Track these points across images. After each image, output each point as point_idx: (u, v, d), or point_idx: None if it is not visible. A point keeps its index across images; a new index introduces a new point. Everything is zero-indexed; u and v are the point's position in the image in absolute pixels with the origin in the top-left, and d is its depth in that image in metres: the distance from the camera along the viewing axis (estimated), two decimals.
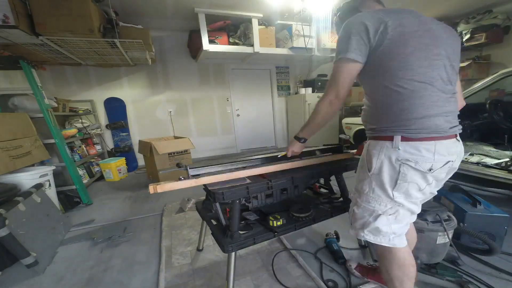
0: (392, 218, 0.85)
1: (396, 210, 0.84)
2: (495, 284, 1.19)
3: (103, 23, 2.54)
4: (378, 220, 0.86)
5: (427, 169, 0.78)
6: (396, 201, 0.83)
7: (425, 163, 0.77)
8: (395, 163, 0.79)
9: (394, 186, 0.81)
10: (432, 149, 0.77)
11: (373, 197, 0.86)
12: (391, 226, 0.85)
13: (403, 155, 0.78)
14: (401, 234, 0.88)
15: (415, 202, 0.85)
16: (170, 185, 1.00)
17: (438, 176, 0.81)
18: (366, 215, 0.89)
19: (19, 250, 1.41)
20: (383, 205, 0.85)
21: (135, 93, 4.00)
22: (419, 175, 0.79)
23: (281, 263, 1.45)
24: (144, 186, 3.10)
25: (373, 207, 0.87)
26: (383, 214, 0.85)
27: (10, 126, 1.94)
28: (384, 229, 0.85)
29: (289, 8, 3.22)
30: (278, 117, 5.23)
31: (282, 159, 1.28)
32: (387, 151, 0.81)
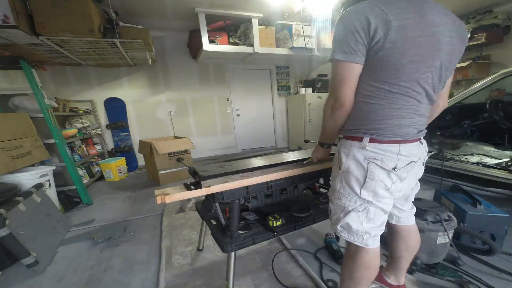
0: (363, 216, 0.87)
1: (365, 207, 0.86)
2: (495, 284, 1.19)
3: (103, 23, 2.54)
4: (348, 216, 0.88)
5: (391, 167, 0.81)
6: (364, 198, 0.84)
7: (390, 162, 0.81)
8: (363, 162, 0.82)
9: (362, 184, 0.84)
10: (396, 151, 0.81)
11: (344, 193, 0.88)
12: (362, 224, 0.87)
13: (370, 154, 0.82)
14: (376, 235, 0.90)
15: (384, 202, 0.86)
16: (180, 195, 0.98)
17: (401, 175, 0.84)
18: (338, 211, 0.92)
19: (19, 250, 1.41)
20: (353, 201, 0.87)
21: (135, 93, 4.01)
22: (385, 173, 0.82)
23: (281, 263, 1.45)
24: (144, 186, 3.10)
25: (343, 204, 0.89)
26: (352, 211, 0.87)
27: (10, 126, 1.94)
28: (355, 226, 0.87)
29: (289, 8, 3.22)
30: (278, 117, 5.23)
31: (308, 165, 1.24)
32: (356, 151, 0.84)
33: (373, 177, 0.82)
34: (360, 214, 0.87)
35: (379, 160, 0.81)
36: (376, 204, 0.85)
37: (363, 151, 0.82)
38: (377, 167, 0.81)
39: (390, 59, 0.72)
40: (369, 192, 0.84)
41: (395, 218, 1.05)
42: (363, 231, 0.87)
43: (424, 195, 2.25)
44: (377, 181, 0.82)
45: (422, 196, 1.63)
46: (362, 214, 0.87)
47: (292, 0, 3.01)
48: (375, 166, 0.81)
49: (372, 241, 0.89)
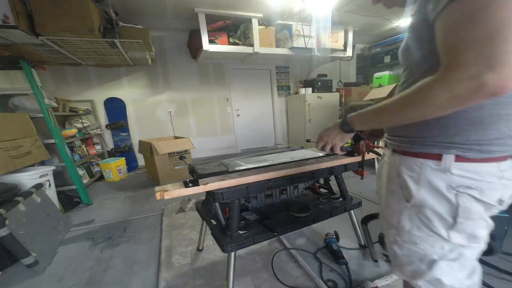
0: (458, 267, 0.57)
1: (460, 253, 0.57)
2: (495, 284, 1.19)
3: (103, 23, 2.54)
4: (435, 268, 0.58)
5: (495, 200, 0.53)
6: (455, 242, 0.56)
7: (494, 191, 0.52)
8: (448, 192, 0.54)
9: (452, 225, 0.55)
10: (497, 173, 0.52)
11: (420, 236, 0.59)
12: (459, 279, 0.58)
13: (458, 181, 0.53)
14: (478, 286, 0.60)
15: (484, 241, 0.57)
16: (178, 191, 0.99)
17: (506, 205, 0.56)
18: (415, 260, 0.61)
19: (19, 250, 1.41)
20: (438, 246, 0.58)
21: (135, 93, 4.01)
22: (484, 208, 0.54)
23: (281, 263, 1.45)
24: (144, 186, 3.10)
25: (423, 250, 0.59)
26: (440, 260, 0.58)
27: (10, 126, 1.94)
28: (449, 282, 0.57)
29: (289, 8, 3.22)
30: (278, 117, 5.23)
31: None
32: (432, 174, 0.55)
33: (470, 215, 0.53)
34: (453, 265, 0.57)
35: (477, 189, 0.52)
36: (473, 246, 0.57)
37: (444, 175, 0.54)
38: (474, 200, 0.53)
39: None
40: (462, 235, 0.55)
41: None
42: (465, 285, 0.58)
43: None
44: (476, 221, 0.54)
45: None
46: (455, 264, 0.57)
47: (292, 0, 3.01)
48: (469, 199, 0.53)
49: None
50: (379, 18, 3.70)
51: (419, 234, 0.59)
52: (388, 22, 3.90)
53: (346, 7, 3.29)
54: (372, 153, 1.15)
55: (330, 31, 3.74)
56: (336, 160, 1.26)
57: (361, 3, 3.24)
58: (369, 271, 1.33)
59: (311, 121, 4.51)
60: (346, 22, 3.98)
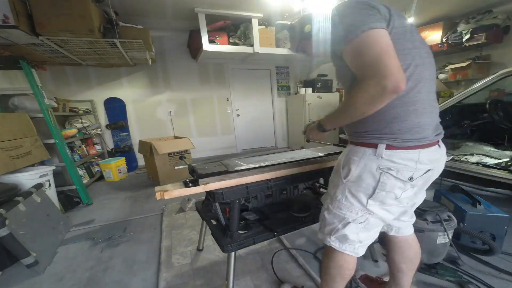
0: (361, 226, 0.83)
1: (366, 218, 0.81)
2: (495, 284, 1.19)
3: (103, 23, 2.54)
4: (347, 227, 0.83)
5: (407, 178, 0.74)
6: (369, 209, 0.79)
7: (407, 172, 0.74)
8: (376, 172, 0.75)
9: (371, 195, 0.78)
10: (415, 158, 0.73)
11: (345, 204, 0.82)
12: (359, 234, 0.83)
13: (385, 164, 0.74)
14: (367, 244, 0.87)
15: (388, 210, 0.81)
16: (178, 191, 0.99)
17: (415, 183, 0.78)
18: (336, 221, 0.85)
19: (19, 250, 1.41)
20: (354, 212, 0.82)
21: (135, 93, 4.00)
22: (399, 184, 0.75)
23: (281, 263, 1.45)
24: (145, 186, 3.10)
25: (343, 214, 0.83)
26: (352, 222, 0.82)
27: (10, 126, 1.94)
28: (352, 237, 0.83)
29: (289, 8, 3.22)
30: (278, 117, 5.23)
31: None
32: (368, 159, 0.76)
33: (385, 188, 0.75)
34: (359, 225, 0.83)
35: (394, 170, 0.73)
36: (377, 214, 0.81)
37: (377, 160, 0.74)
38: (391, 177, 0.74)
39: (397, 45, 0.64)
40: (376, 202, 0.79)
41: (394, 229, 0.97)
42: (358, 240, 0.84)
43: None
44: (387, 192, 0.76)
45: None
46: (361, 225, 0.82)
47: (292, 0, 3.01)
48: (388, 176, 0.74)
49: (363, 249, 0.86)
50: None
51: (345, 203, 0.82)
52: None
53: None
54: None
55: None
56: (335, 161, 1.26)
57: None
58: (369, 270, 1.33)
59: (311, 121, 4.51)
60: None
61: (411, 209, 0.95)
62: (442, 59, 4.14)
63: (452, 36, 3.63)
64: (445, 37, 3.76)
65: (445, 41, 3.71)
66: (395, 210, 0.83)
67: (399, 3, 3.27)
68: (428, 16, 3.80)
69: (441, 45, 3.74)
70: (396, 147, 0.72)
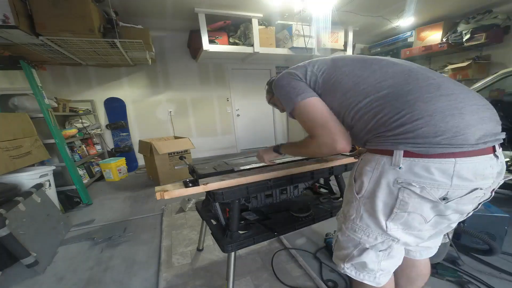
0: (383, 254, 0.67)
1: (389, 245, 0.65)
2: (495, 284, 1.19)
3: (103, 23, 2.54)
4: (364, 254, 0.68)
5: (438, 197, 0.56)
6: (390, 234, 0.63)
7: (436, 189, 0.55)
8: (393, 187, 0.59)
9: (389, 215, 0.62)
10: (449, 170, 0.54)
11: (360, 226, 0.67)
12: (380, 263, 0.68)
13: (404, 176, 0.57)
14: (390, 272, 0.72)
15: (417, 235, 0.64)
16: (178, 191, 0.99)
17: (457, 208, 0.58)
18: (350, 246, 0.71)
19: (19, 250, 1.41)
20: (372, 237, 0.66)
21: (135, 93, 4.00)
22: (428, 204, 0.58)
23: (281, 263, 1.45)
24: (145, 186, 3.10)
25: (359, 238, 0.68)
26: (371, 249, 0.67)
27: (10, 126, 1.94)
28: (371, 266, 0.68)
29: (289, 8, 3.22)
30: (278, 117, 5.23)
31: None
32: (383, 170, 0.60)
33: (405, 208, 0.59)
34: (380, 254, 0.67)
35: (417, 186, 0.56)
36: (402, 240, 0.64)
37: (394, 171, 0.58)
38: (414, 195, 0.57)
39: None
40: (397, 225, 0.62)
41: (412, 253, 0.82)
42: (378, 269, 0.68)
43: None
44: (410, 213, 0.59)
45: None
46: (382, 253, 0.67)
47: (292, 0, 3.01)
48: (409, 193, 0.57)
49: (385, 277, 0.70)
50: (379, 18, 3.70)
51: (359, 224, 0.67)
52: (388, 22, 3.90)
53: (346, 7, 3.29)
54: None
55: (330, 31, 3.73)
56: (336, 160, 1.26)
57: (361, 3, 3.24)
58: None
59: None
60: (346, 22, 3.98)
61: (441, 233, 0.75)
62: (442, 59, 4.14)
63: (452, 36, 3.64)
64: (445, 37, 3.76)
65: (445, 41, 3.72)
66: (426, 234, 0.65)
67: (399, 3, 3.27)
68: (428, 16, 3.80)
69: (441, 45, 3.75)
70: (419, 154, 0.55)
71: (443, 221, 0.63)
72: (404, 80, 0.62)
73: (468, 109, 0.55)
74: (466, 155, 0.53)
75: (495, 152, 0.57)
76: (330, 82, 0.74)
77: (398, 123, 0.58)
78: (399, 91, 0.61)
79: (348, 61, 0.76)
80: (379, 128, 0.62)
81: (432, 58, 4.34)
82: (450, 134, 0.53)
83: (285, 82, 0.81)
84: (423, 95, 0.57)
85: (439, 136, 0.53)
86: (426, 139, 0.54)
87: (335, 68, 0.75)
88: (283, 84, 0.82)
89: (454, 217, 0.62)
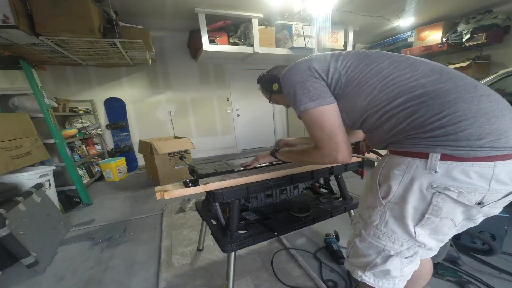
0: (408, 261, 0.65)
1: (415, 252, 0.63)
2: (495, 284, 1.19)
3: (103, 23, 2.54)
4: (388, 262, 0.65)
5: (474, 202, 0.55)
6: (418, 240, 0.61)
7: (474, 193, 0.54)
8: (426, 191, 0.56)
9: (419, 221, 0.59)
10: (488, 174, 0.52)
11: (385, 232, 0.64)
12: (403, 269, 0.66)
13: (441, 181, 0.54)
14: (409, 275, 0.69)
15: (441, 239, 0.64)
16: (178, 191, 0.99)
17: (489, 211, 0.58)
18: (372, 253, 0.67)
19: (19, 250, 1.41)
20: (398, 244, 0.63)
21: (135, 93, 4.00)
22: (461, 208, 0.57)
23: (281, 263, 1.45)
24: (145, 186, 3.10)
25: (383, 245, 0.65)
26: (396, 256, 0.64)
27: (10, 126, 1.94)
28: (394, 274, 0.66)
29: (289, 8, 3.22)
30: (278, 117, 5.23)
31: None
32: (416, 174, 0.57)
33: (439, 213, 0.57)
34: (405, 260, 0.65)
35: (455, 191, 0.54)
36: (428, 246, 0.63)
37: (429, 175, 0.55)
38: (449, 200, 0.55)
39: None
40: (425, 231, 0.61)
41: (425, 253, 0.78)
42: (400, 275, 0.66)
43: None
44: (442, 219, 0.58)
45: None
46: (407, 260, 0.65)
47: (292, 0, 3.01)
48: (445, 198, 0.55)
49: (404, 282, 0.68)
50: (379, 18, 3.70)
51: (384, 230, 0.64)
52: (388, 22, 3.90)
53: (346, 7, 3.29)
54: (372, 153, 1.16)
55: (330, 31, 3.73)
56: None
57: (361, 3, 3.24)
58: None
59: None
60: (346, 22, 3.98)
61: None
62: (442, 59, 4.14)
63: (452, 36, 3.64)
64: (445, 37, 3.76)
65: (445, 41, 3.72)
66: (447, 238, 0.65)
67: (399, 3, 3.27)
68: (428, 16, 3.80)
69: (441, 45, 3.75)
70: (458, 158, 0.53)
71: (469, 224, 0.62)
72: (438, 79, 0.59)
73: (507, 111, 0.54)
74: (506, 158, 0.52)
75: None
76: (354, 82, 0.68)
77: (437, 124, 0.55)
78: (435, 90, 0.57)
79: (373, 58, 0.69)
80: (413, 130, 0.58)
81: (432, 58, 4.32)
82: (494, 137, 0.51)
83: (299, 79, 0.72)
84: (464, 95, 0.55)
85: (483, 138, 0.51)
86: (468, 142, 0.52)
87: (359, 65, 0.69)
88: (296, 81, 0.73)
89: (480, 219, 0.61)
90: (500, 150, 0.51)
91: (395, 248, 0.63)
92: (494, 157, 0.52)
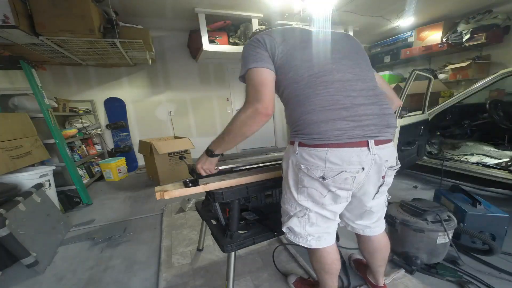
0: (305, 221, 0.87)
1: (305, 213, 0.86)
2: (495, 284, 1.19)
3: (103, 23, 2.54)
4: (290, 220, 0.90)
5: (318, 176, 0.77)
6: (301, 204, 0.84)
7: (316, 170, 0.77)
8: (295, 167, 0.82)
9: (297, 189, 0.84)
10: (323, 157, 0.75)
11: (286, 198, 0.91)
12: (306, 228, 0.88)
13: (298, 160, 0.80)
14: (320, 237, 0.89)
15: (327, 208, 0.84)
16: (178, 191, 1.00)
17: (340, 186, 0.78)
18: (284, 214, 0.95)
19: (19, 250, 1.41)
20: (293, 207, 0.88)
21: (135, 93, 4.00)
22: (316, 182, 0.79)
23: (281, 262, 1.45)
24: (145, 186, 3.10)
25: (287, 208, 0.91)
26: (294, 216, 0.88)
27: (10, 126, 1.94)
28: (297, 230, 0.89)
29: (289, 8, 3.22)
30: (278, 117, 5.23)
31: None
32: (291, 155, 0.84)
33: (303, 183, 0.81)
34: (301, 220, 0.87)
35: (304, 167, 0.78)
36: (316, 211, 0.84)
37: (294, 156, 0.81)
38: (305, 174, 0.80)
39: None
40: (306, 198, 0.83)
41: (361, 230, 1.02)
42: (306, 233, 0.88)
43: (424, 195, 2.25)
44: (308, 188, 0.81)
45: (422, 196, 1.63)
46: (303, 220, 0.87)
47: (292, 0, 3.01)
48: (302, 173, 0.80)
49: (317, 242, 0.89)
50: (379, 18, 3.70)
51: (286, 197, 0.91)
52: (388, 22, 3.89)
53: (346, 7, 3.29)
54: None
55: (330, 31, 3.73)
56: None
57: (361, 3, 3.24)
58: None
59: None
60: (346, 22, 3.98)
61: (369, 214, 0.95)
62: (442, 59, 4.14)
63: (452, 36, 3.63)
64: (445, 37, 3.76)
65: (445, 41, 3.72)
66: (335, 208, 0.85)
67: (399, 3, 3.27)
68: (428, 16, 3.80)
69: (441, 45, 3.75)
70: (304, 144, 0.78)
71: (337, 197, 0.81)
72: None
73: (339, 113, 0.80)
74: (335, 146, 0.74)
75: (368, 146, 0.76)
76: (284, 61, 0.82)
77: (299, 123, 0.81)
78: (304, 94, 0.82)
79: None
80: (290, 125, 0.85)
81: (432, 58, 4.34)
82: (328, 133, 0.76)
83: (247, 48, 0.84)
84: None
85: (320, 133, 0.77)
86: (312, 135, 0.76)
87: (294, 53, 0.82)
88: (245, 49, 0.85)
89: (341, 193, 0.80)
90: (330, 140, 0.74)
91: (292, 210, 0.89)
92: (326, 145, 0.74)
